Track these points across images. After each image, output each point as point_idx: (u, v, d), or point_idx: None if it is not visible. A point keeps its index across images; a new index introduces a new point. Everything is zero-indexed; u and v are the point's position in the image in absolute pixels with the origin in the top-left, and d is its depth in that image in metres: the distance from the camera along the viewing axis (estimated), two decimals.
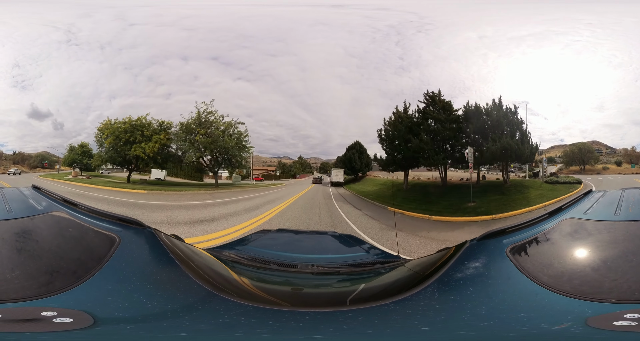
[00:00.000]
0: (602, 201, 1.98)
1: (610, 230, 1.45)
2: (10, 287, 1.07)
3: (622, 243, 1.33)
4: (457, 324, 1.02)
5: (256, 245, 2.44)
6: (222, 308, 1.09)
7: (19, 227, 1.49)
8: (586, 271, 1.20)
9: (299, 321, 1.05)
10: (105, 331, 0.96)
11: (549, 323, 0.98)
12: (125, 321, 1.01)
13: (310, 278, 1.69)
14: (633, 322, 0.94)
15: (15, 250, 1.29)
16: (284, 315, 1.10)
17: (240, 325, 1.03)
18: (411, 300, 1.12)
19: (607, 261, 1.23)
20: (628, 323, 0.94)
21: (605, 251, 1.31)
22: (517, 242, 1.42)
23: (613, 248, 1.31)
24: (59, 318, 0.96)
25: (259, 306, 1.13)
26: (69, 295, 1.06)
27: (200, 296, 1.15)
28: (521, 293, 1.11)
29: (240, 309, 1.08)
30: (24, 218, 1.57)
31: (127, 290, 1.13)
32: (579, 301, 1.03)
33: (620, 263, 1.20)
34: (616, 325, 0.94)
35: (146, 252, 1.42)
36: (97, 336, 0.95)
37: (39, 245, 1.37)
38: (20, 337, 0.92)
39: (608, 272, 1.17)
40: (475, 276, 1.28)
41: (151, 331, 0.99)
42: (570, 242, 1.42)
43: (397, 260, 1.97)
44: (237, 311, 1.07)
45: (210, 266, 1.65)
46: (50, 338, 0.94)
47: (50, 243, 1.40)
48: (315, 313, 1.10)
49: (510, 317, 1.01)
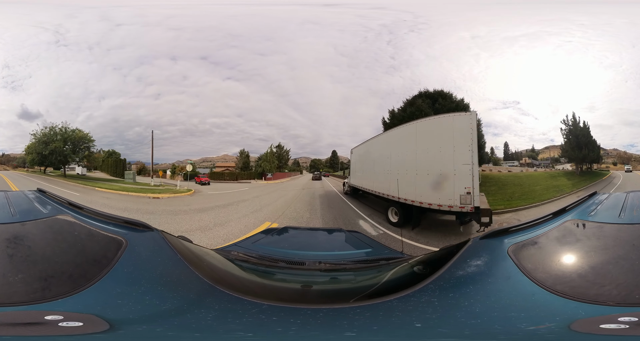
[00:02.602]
0: (607, 203, 1.97)
1: (614, 233, 1.43)
2: (13, 291, 1.06)
3: (626, 246, 1.31)
4: (447, 321, 1.03)
5: (264, 243, 2.47)
6: (238, 307, 1.10)
7: (23, 230, 1.47)
8: (586, 273, 1.18)
9: (314, 318, 1.07)
10: (124, 335, 0.96)
11: (535, 323, 0.98)
12: (141, 323, 1.01)
13: (319, 275, 1.73)
14: (624, 325, 0.93)
15: (18, 254, 1.27)
16: (300, 312, 1.10)
17: (259, 323, 1.04)
18: (413, 297, 1.15)
19: (609, 263, 1.22)
20: (617, 326, 0.94)
21: (608, 253, 1.29)
22: (520, 241, 1.43)
23: (616, 251, 1.29)
24: (65, 322, 0.95)
25: (273, 305, 1.14)
26: (76, 299, 1.05)
27: (214, 296, 1.16)
28: (518, 293, 1.12)
29: (256, 308, 1.10)
30: (28, 222, 1.55)
31: (137, 293, 1.13)
32: (575, 302, 1.04)
33: (622, 266, 1.19)
34: (603, 328, 0.93)
35: (155, 254, 1.42)
36: (116, 340, 0.94)
37: (43, 249, 1.35)
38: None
39: (609, 275, 1.15)
40: (475, 274, 1.29)
41: (169, 332, 0.99)
42: (572, 244, 1.41)
43: (401, 257, 2.01)
44: (254, 310, 1.09)
45: (221, 266, 1.68)
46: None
47: (55, 247, 1.38)
48: (328, 310, 1.12)
49: (502, 316, 1.02)
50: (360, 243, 2.60)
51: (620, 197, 2.05)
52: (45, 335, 0.94)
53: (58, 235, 1.50)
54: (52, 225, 1.59)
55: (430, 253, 1.97)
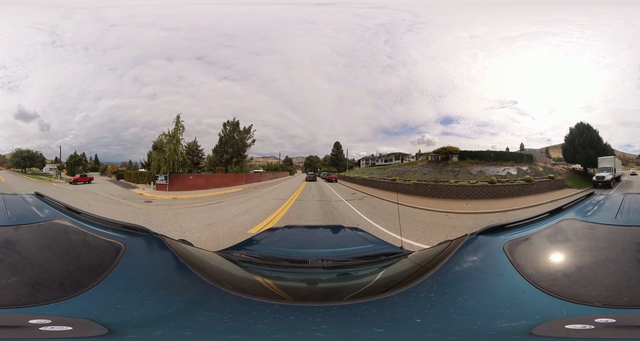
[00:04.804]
0: (604, 204, 1.98)
1: (609, 234, 1.44)
2: (3, 294, 1.05)
3: (616, 249, 1.31)
4: (442, 317, 1.06)
5: (265, 243, 2.48)
6: (251, 308, 1.10)
7: (16, 235, 1.45)
8: (573, 273, 1.19)
9: (330, 315, 1.08)
10: (127, 339, 0.96)
11: (514, 321, 1.01)
12: (146, 327, 1.00)
13: (322, 272, 1.74)
14: (589, 326, 0.96)
15: (8, 259, 1.25)
16: (313, 310, 1.11)
17: (269, 323, 1.05)
18: (413, 292, 1.18)
19: (597, 265, 1.23)
20: (583, 327, 0.96)
21: (598, 255, 1.29)
22: (515, 238, 1.44)
23: (606, 253, 1.29)
24: (51, 326, 0.94)
25: (286, 304, 1.16)
26: (70, 303, 1.04)
27: (222, 299, 1.16)
28: (510, 290, 1.15)
29: (269, 308, 1.11)
30: (23, 226, 1.53)
31: (139, 297, 1.12)
32: (561, 301, 1.05)
33: (609, 268, 1.19)
34: (568, 329, 0.96)
35: (155, 258, 1.42)
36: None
37: (35, 254, 1.32)
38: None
39: (596, 276, 1.16)
40: (471, 270, 1.31)
41: (186, 332, 0.99)
42: (566, 243, 1.42)
43: (400, 252, 2.03)
44: (268, 311, 1.10)
45: (224, 268, 1.69)
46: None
47: (47, 253, 1.35)
48: (340, 307, 1.13)
49: (489, 312, 1.05)
50: (360, 240, 2.63)
51: (617, 198, 2.06)
52: (28, 338, 0.94)
53: (52, 241, 1.48)
54: (47, 230, 1.57)
55: (428, 249, 2.02)
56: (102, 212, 11.13)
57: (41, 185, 18.74)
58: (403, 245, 2.40)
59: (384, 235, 8.18)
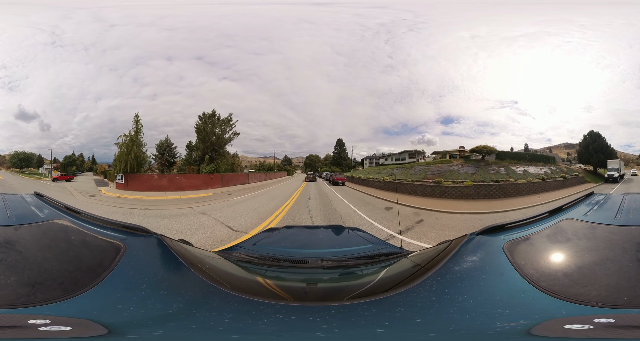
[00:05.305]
0: (603, 204, 1.99)
1: (609, 234, 1.44)
2: (3, 294, 1.05)
3: (616, 249, 1.31)
4: (441, 317, 1.06)
5: (265, 243, 2.48)
6: (251, 308, 1.11)
7: (16, 235, 1.45)
8: (573, 273, 1.19)
9: (330, 315, 1.08)
10: (127, 339, 0.96)
11: (513, 320, 1.01)
12: (145, 327, 1.00)
13: (322, 272, 1.75)
14: (588, 326, 0.95)
15: (8, 259, 1.25)
16: (314, 310, 1.12)
17: (270, 323, 1.05)
18: (413, 292, 1.18)
19: (597, 264, 1.23)
20: (582, 327, 0.96)
21: (598, 254, 1.29)
22: (515, 238, 1.45)
23: (606, 253, 1.29)
24: (50, 326, 0.94)
25: (286, 304, 1.17)
26: (69, 304, 1.04)
27: (222, 299, 1.16)
28: (509, 290, 1.15)
29: (269, 308, 1.11)
30: (23, 226, 1.54)
31: (138, 297, 1.12)
32: (560, 301, 1.05)
33: (609, 268, 1.19)
34: (567, 329, 0.96)
35: (155, 259, 1.43)
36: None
37: (35, 254, 1.33)
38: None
39: (596, 276, 1.17)
40: (471, 270, 1.32)
41: (178, 335, 0.99)
42: (566, 243, 1.42)
43: (400, 252, 2.04)
44: (268, 311, 1.10)
45: (224, 268, 1.69)
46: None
47: (47, 253, 1.35)
48: (340, 307, 1.13)
49: (488, 312, 1.05)
50: (360, 240, 2.63)
51: (617, 198, 2.06)
52: (27, 338, 0.94)
53: (52, 241, 1.49)
54: (47, 230, 1.58)
55: (428, 248, 2.02)
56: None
57: (29, 182, 21.14)
58: (403, 245, 2.41)
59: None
